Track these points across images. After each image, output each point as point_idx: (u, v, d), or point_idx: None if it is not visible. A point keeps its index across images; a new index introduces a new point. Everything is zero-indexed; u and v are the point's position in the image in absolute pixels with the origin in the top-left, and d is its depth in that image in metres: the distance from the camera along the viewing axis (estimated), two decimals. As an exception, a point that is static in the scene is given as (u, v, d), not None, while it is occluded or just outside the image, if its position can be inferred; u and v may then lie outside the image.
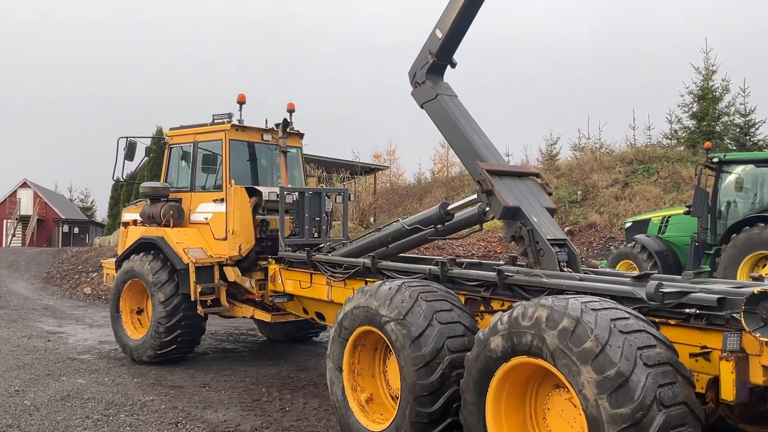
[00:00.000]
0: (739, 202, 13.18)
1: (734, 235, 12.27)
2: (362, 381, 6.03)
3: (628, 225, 15.66)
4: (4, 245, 47.11)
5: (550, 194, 6.57)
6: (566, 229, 19.55)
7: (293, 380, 8.59)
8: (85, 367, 9.26)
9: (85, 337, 11.79)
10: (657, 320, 4.60)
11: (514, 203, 6.04)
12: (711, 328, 4.41)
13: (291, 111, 10.33)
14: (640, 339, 4.05)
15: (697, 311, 4.48)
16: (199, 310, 9.20)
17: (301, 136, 10.62)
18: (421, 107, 7.09)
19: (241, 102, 9.87)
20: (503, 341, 4.44)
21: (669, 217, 14.57)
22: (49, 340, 11.39)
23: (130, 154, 10.22)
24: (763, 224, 11.96)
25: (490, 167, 6.25)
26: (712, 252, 12.92)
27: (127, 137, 10.17)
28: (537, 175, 6.74)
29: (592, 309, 4.17)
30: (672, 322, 4.61)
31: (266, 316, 9.45)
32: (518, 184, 6.36)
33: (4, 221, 52.06)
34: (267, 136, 10.09)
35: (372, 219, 23.02)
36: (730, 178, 13.26)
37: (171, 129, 10.49)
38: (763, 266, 12.16)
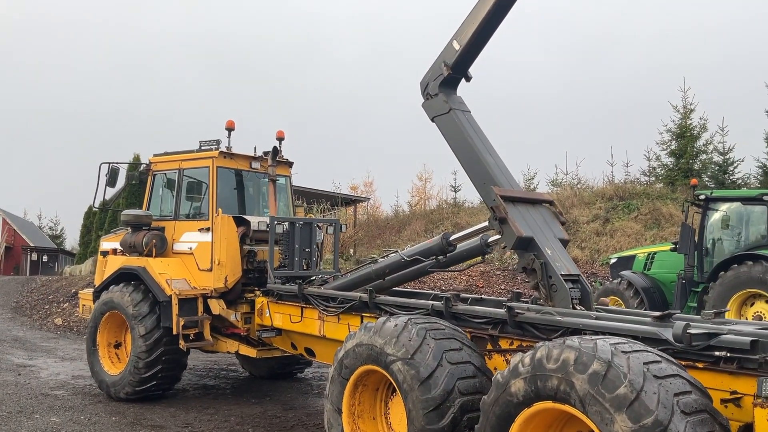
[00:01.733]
0: (725, 239, 13.17)
1: (722, 272, 12.20)
2: (363, 424, 5.67)
3: (613, 261, 15.58)
4: (-31, 273, 45.74)
5: (563, 223, 6.29)
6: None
7: (281, 420, 8.15)
8: (59, 404, 8.72)
9: (58, 371, 11.21)
10: (683, 363, 4.35)
11: (527, 233, 5.75)
12: (743, 372, 4.17)
13: (280, 139, 10.07)
14: (676, 385, 3.80)
15: (728, 354, 4.24)
16: (182, 344, 8.74)
17: (290, 164, 10.33)
18: (432, 120, 6.73)
19: (230, 129, 9.56)
20: (525, 385, 4.13)
21: (655, 253, 14.52)
22: (19, 374, 10.79)
23: (112, 181, 9.85)
24: (751, 262, 11.91)
25: (504, 193, 5.95)
26: (699, 289, 12.83)
27: (109, 163, 9.81)
28: (551, 203, 6.44)
29: (622, 351, 3.91)
30: (699, 365, 4.36)
31: (251, 352, 9.04)
32: (532, 212, 6.07)
33: (-29, 249, 50.73)
34: (255, 164, 9.79)
35: (352, 251, 22.71)
36: (716, 216, 13.26)
37: (155, 155, 10.13)
38: (751, 305, 12.09)
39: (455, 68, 6.51)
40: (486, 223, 6.55)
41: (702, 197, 13.30)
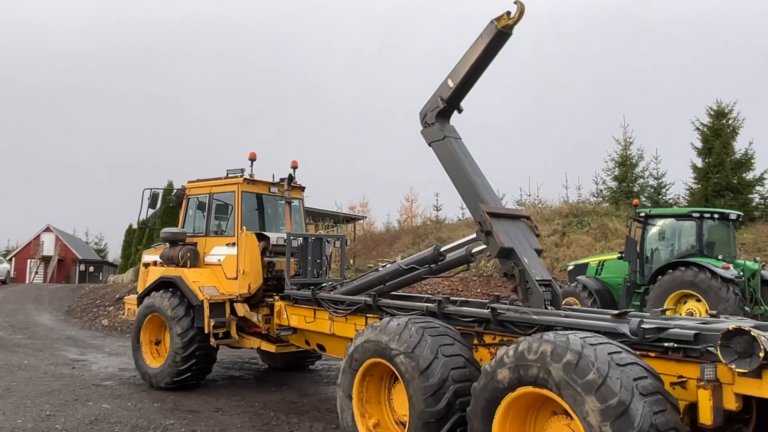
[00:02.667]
0: (661, 249, 13.21)
1: (660, 276, 12.26)
2: (370, 408, 5.62)
3: (570, 268, 15.57)
4: (27, 282, 45.26)
5: (538, 236, 6.28)
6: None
7: (297, 405, 8.06)
8: (108, 393, 8.60)
9: (106, 365, 11.06)
10: (638, 353, 4.36)
11: (509, 244, 5.73)
12: (687, 360, 4.20)
13: (294, 168, 10.06)
14: (634, 371, 3.82)
15: (675, 345, 4.26)
16: (212, 341, 8.68)
17: (302, 189, 10.31)
18: (429, 145, 6.66)
19: (252, 159, 9.54)
20: (510, 373, 4.13)
21: (604, 261, 14.53)
22: (73, 368, 10.64)
23: (153, 203, 9.82)
24: (683, 268, 11.98)
25: (489, 209, 5.92)
26: (641, 291, 12.88)
27: (151, 189, 9.79)
28: (528, 218, 6.43)
29: (590, 344, 3.92)
30: (651, 354, 4.37)
31: (271, 347, 8.97)
32: (512, 226, 6.05)
33: (29, 261, 50.27)
34: (274, 189, 9.77)
35: (352, 261, 22.62)
36: (654, 230, 13.33)
37: (189, 182, 10.10)
38: (684, 303, 12.13)
39: (449, 102, 6.45)
40: (471, 236, 6.57)
41: (642, 214, 13.41)
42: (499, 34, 5.87)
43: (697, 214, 12.60)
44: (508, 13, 5.78)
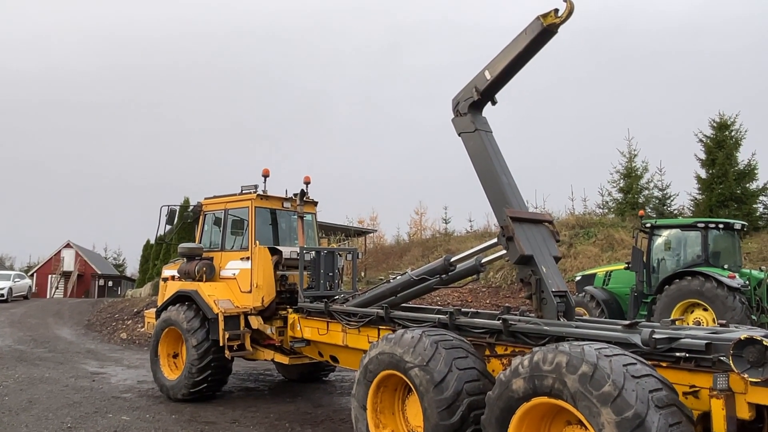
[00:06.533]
0: (667, 259, 13.10)
1: (667, 286, 12.14)
2: (384, 418, 5.54)
3: (578, 278, 15.45)
4: (48, 297, 45.50)
5: (558, 241, 6.04)
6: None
7: (312, 416, 7.98)
8: (128, 405, 8.56)
9: (125, 377, 11.02)
10: (650, 363, 4.28)
11: (529, 252, 5.54)
12: (699, 370, 4.12)
13: (307, 183, 10.05)
14: (650, 383, 3.75)
15: (687, 354, 4.18)
16: (227, 353, 8.64)
17: (315, 204, 10.30)
18: (459, 135, 6.36)
19: (266, 175, 9.55)
20: (525, 383, 4.06)
21: (611, 271, 14.42)
22: (93, 380, 10.60)
23: (170, 220, 9.84)
24: (690, 277, 11.85)
25: (513, 214, 5.71)
26: (648, 300, 12.74)
27: (168, 206, 9.81)
28: (550, 222, 6.17)
29: (605, 355, 3.85)
30: (663, 364, 4.29)
31: (285, 359, 8.91)
32: (534, 231, 5.83)
33: (50, 276, 50.61)
34: (286, 204, 9.76)
35: (363, 273, 22.56)
36: (659, 240, 13.21)
37: (205, 198, 10.11)
38: (691, 312, 11.98)
39: (484, 94, 6.14)
40: (481, 245, 6.49)
41: (648, 225, 13.30)
42: (544, 32, 5.52)
43: (702, 225, 12.48)
44: (556, 10, 5.42)
